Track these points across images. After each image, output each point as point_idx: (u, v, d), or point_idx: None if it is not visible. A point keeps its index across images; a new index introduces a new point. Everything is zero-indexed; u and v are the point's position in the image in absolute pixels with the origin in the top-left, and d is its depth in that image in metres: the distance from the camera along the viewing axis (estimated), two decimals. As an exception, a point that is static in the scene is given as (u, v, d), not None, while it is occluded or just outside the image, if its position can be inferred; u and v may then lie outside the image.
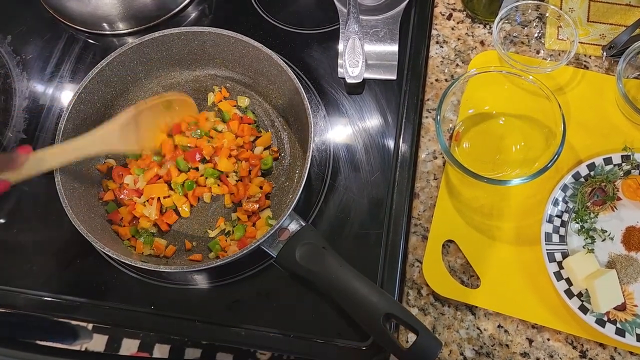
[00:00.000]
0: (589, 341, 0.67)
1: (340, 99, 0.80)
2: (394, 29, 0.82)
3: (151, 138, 0.73)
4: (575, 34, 0.77)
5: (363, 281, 0.62)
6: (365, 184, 0.75)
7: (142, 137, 0.71)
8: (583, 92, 0.79)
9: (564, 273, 0.68)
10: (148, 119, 0.71)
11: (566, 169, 0.74)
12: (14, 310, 0.71)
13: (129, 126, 0.69)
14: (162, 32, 0.74)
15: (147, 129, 0.72)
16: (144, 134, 0.71)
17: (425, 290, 0.71)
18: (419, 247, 0.73)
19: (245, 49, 0.75)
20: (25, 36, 0.87)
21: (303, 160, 0.73)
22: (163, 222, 0.72)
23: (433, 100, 0.81)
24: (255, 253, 0.66)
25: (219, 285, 0.70)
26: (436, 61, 0.83)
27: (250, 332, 0.68)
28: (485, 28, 0.85)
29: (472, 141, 0.76)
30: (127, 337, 0.75)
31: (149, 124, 0.72)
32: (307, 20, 0.86)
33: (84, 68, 0.84)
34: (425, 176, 0.76)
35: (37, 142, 0.79)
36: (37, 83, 0.84)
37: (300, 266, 0.64)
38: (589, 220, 0.71)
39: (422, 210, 0.75)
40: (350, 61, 0.79)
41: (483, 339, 0.68)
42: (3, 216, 0.75)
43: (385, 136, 0.78)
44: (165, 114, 0.73)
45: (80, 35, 0.87)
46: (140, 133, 0.71)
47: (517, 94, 0.74)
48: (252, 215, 0.72)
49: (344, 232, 0.72)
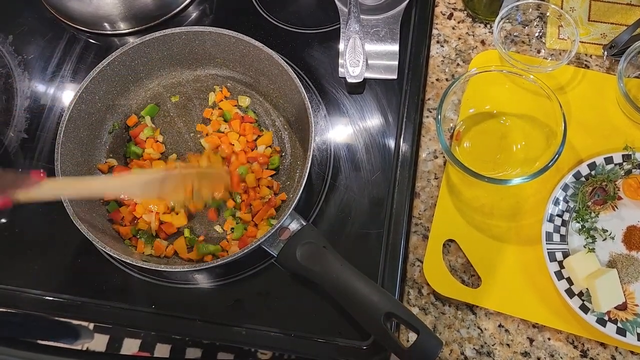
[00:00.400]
0: (589, 341, 0.67)
1: (341, 99, 0.81)
2: (394, 28, 0.82)
3: (173, 197, 0.68)
4: (576, 33, 0.77)
5: (364, 280, 0.62)
6: (366, 183, 0.75)
7: (164, 193, 0.67)
8: (584, 91, 0.79)
9: (565, 272, 0.68)
10: (175, 182, 0.66)
11: (567, 168, 0.74)
12: (15, 309, 0.71)
13: (153, 183, 0.65)
14: (163, 31, 0.75)
15: (172, 190, 0.66)
16: (166, 191, 0.66)
17: (426, 290, 0.71)
18: (419, 246, 0.73)
19: (246, 49, 0.75)
20: (26, 36, 0.87)
21: (304, 160, 0.73)
22: (162, 231, 0.72)
23: (434, 99, 0.81)
24: (256, 252, 0.66)
25: (220, 285, 0.70)
26: (437, 61, 0.83)
27: (252, 332, 0.68)
28: (486, 27, 0.85)
29: (472, 140, 0.76)
30: (128, 336, 0.75)
31: (175, 186, 0.66)
32: (307, 19, 0.87)
33: (85, 68, 0.84)
34: (426, 175, 0.76)
35: (39, 141, 0.79)
36: (38, 83, 0.84)
37: (301, 266, 0.64)
38: (589, 220, 0.71)
39: (422, 209, 0.75)
40: (351, 61, 0.79)
41: (484, 339, 0.68)
42: (5, 216, 0.75)
43: (386, 136, 0.78)
44: (195, 181, 0.67)
45: (82, 35, 0.87)
46: (162, 190, 0.66)
47: (518, 93, 0.74)
48: (255, 215, 0.72)
49: (344, 232, 0.72)
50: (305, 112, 0.70)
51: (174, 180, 0.66)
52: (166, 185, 0.65)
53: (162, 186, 0.65)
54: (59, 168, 0.68)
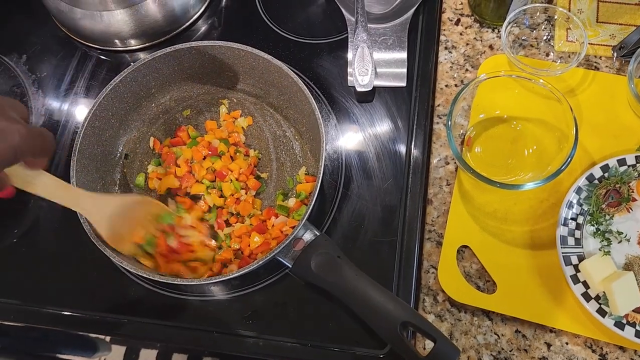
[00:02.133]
0: (608, 344, 0.67)
1: (350, 108, 0.81)
2: (402, 36, 0.82)
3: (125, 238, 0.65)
4: (585, 35, 0.77)
5: (379, 290, 0.62)
6: (378, 191, 0.75)
7: (121, 231, 0.65)
8: (594, 93, 0.78)
9: (581, 276, 0.67)
10: (138, 216, 0.65)
11: (579, 171, 0.73)
12: (34, 325, 0.72)
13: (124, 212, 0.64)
14: (173, 47, 0.75)
15: (128, 227, 0.65)
16: (124, 229, 0.65)
17: (441, 297, 0.70)
18: (433, 253, 0.73)
19: (255, 61, 0.76)
20: (39, 55, 0.88)
21: (316, 170, 0.73)
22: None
23: (443, 106, 0.81)
24: (271, 263, 0.67)
25: (236, 296, 0.71)
26: (445, 67, 0.83)
27: (268, 343, 0.68)
28: (493, 32, 0.85)
29: (483, 146, 0.76)
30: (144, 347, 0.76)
31: (133, 223, 0.65)
32: (315, 30, 0.87)
33: (97, 84, 0.86)
34: (438, 182, 0.76)
35: (54, 158, 0.80)
36: (52, 100, 0.85)
37: (316, 276, 0.65)
38: (604, 223, 0.70)
39: (435, 216, 0.75)
40: (359, 70, 0.79)
41: (501, 345, 0.68)
42: (21, 232, 0.77)
43: (396, 143, 0.78)
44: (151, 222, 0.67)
45: (93, 52, 0.88)
46: (123, 227, 0.65)
47: (528, 97, 0.74)
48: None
49: (358, 240, 0.73)
50: (315, 122, 0.70)
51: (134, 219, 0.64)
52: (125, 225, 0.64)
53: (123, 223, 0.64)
54: (74, 184, 0.69)
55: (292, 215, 0.73)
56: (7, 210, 0.77)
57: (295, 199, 0.74)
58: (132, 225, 0.66)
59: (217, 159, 0.75)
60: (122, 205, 0.65)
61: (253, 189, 0.75)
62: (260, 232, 0.71)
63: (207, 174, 0.75)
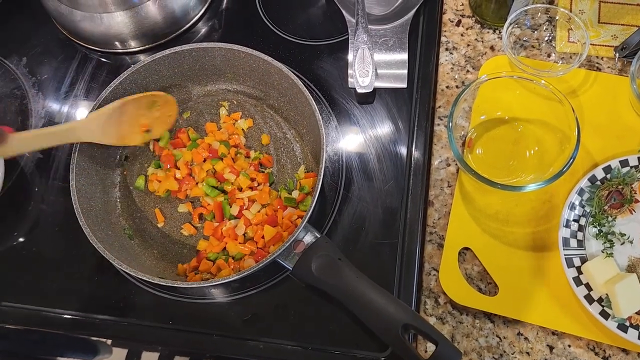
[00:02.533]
0: (611, 347, 0.66)
1: (351, 109, 0.81)
2: (403, 37, 0.82)
3: (131, 133, 0.75)
4: (587, 36, 0.76)
5: (380, 292, 0.62)
6: (379, 193, 0.75)
7: (123, 131, 0.74)
8: (596, 94, 0.78)
9: (583, 278, 0.67)
10: (130, 113, 0.73)
11: (582, 172, 0.73)
12: (34, 327, 0.72)
13: (111, 119, 0.71)
14: (173, 49, 0.75)
15: (128, 124, 0.74)
16: (124, 128, 0.73)
17: (442, 299, 0.70)
18: (434, 255, 0.72)
19: (255, 63, 0.76)
20: (40, 57, 0.88)
21: (316, 172, 0.73)
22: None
23: (444, 107, 0.80)
24: (271, 266, 0.66)
25: (236, 299, 0.71)
26: (446, 68, 0.83)
27: (269, 345, 0.68)
28: (494, 33, 0.84)
29: (485, 147, 0.76)
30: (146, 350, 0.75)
31: (131, 119, 0.74)
32: (316, 31, 0.87)
33: (97, 86, 0.85)
34: (439, 184, 0.76)
35: (53, 161, 0.80)
36: (52, 103, 0.85)
37: (317, 278, 0.64)
38: (607, 224, 0.70)
39: (436, 218, 0.74)
40: (360, 71, 0.79)
41: (503, 347, 0.67)
42: (22, 235, 0.76)
43: (397, 145, 0.78)
44: (147, 111, 0.75)
45: (93, 54, 0.88)
46: (121, 127, 0.73)
47: (530, 98, 0.74)
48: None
49: (359, 242, 0.72)
50: (316, 124, 0.70)
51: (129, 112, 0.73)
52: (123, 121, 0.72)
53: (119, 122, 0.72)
54: (74, 186, 0.68)
55: (299, 206, 0.72)
56: (7, 212, 0.77)
57: (299, 192, 0.73)
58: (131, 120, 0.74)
59: (218, 161, 0.75)
60: (107, 113, 0.71)
61: (264, 182, 0.75)
62: (272, 225, 0.71)
63: (207, 176, 0.75)
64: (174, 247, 0.74)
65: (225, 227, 0.72)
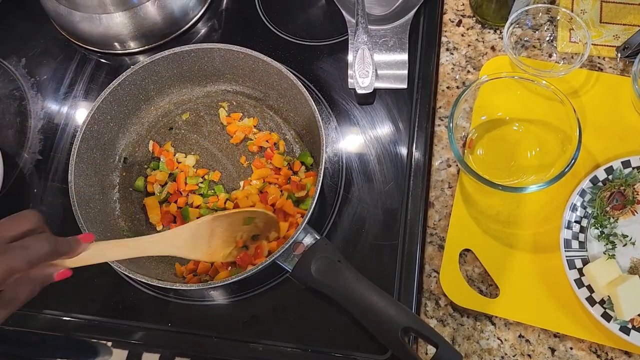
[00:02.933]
0: (613, 349, 0.66)
1: (351, 110, 0.80)
2: (403, 37, 0.82)
3: (224, 249, 0.67)
4: (588, 36, 0.76)
5: (380, 294, 0.61)
6: (379, 194, 0.75)
7: (215, 247, 0.66)
8: (598, 94, 0.77)
9: (585, 280, 0.66)
10: (224, 228, 0.66)
11: (583, 173, 0.72)
12: (33, 330, 0.71)
13: (200, 235, 0.64)
14: (172, 50, 0.75)
15: (222, 240, 0.67)
16: (217, 243, 0.66)
17: (443, 301, 0.70)
18: (435, 257, 0.72)
19: (255, 64, 0.75)
20: (39, 58, 0.88)
21: (316, 172, 0.73)
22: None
23: (445, 108, 0.80)
24: (271, 268, 0.66)
25: (236, 301, 0.70)
26: (447, 68, 0.82)
27: (268, 348, 0.68)
28: (495, 33, 0.84)
29: (486, 148, 0.75)
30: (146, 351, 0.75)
31: (225, 235, 0.66)
32: (315, 32, 0.87)
33: (96, 87, 0.85)
34: (440, 185, 0.76)
35: (52, 162, 0.80)
36: (51, 104, 0.85)
37: (316, 280, 0.64)
38: (608, 226, 0.69)
39: (437, 219, 0.74)
40: (360, 72, 0.78)
41: (504, 350, 0.67)
42: (21, 237, 0.76)
43: (397, 145, 0.77)
44: (245, 227, 0.68)
45: (92, 55, 0.88)
46: (213, 242, 0.66)
47: (531, 99, 0.73)
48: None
49: (358, 244, 0.72)
50: (315, 125, 0.69)
51: (223, 228, 0.65)
52: (215, 237, 0.65)
53: (211, 237, 0.65)
54: (73, 189, 0.68)
55: (299, 205, 0.72)
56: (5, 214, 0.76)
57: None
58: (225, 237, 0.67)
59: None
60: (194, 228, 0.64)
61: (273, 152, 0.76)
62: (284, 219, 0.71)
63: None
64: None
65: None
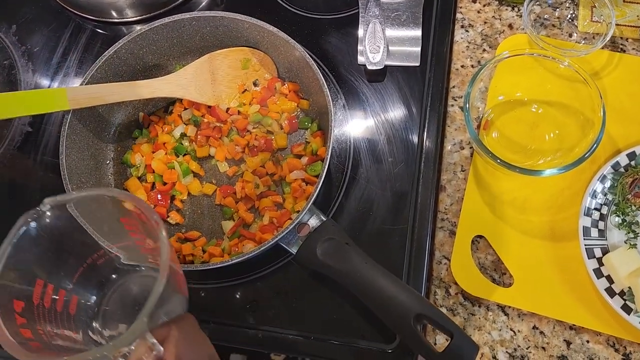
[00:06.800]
0: (632, 343, 0.63)
1: (360, 87, 0.76)
2: (416, 12, 0.78)
3: (228, 95, 0.73)
4: (613, 15, 0.72)
5: (391, 279, 0.58)
6: (388, 176, 0.71)
7: (219, 92, 0.72)
8: (620, 76, 0.74)
9: (604, 270, 0.63)
10: (223, 73, 0.72)
11: (603, 158, 0.69)
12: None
13: (203, 73, 0.70)
14: (172, 17, 0.71)
15: (225, 85, 0.72)
16: (221, 89, 0.72)
17: (453, 289, 0.66)
18: (446, 243, 0.68)
19: (260, 34, 0.71)
20: (30, 25, 0.84)
21: (323, 152, 0.69)
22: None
23: (459, 87, 0.76)
24: (273, 250, 0.62)
25: (236, 285, 0.67)
26: (461, 46, 0.78)
27: (269, 334, 0.64)
28: (513, 10, 0.80)
29: (502, 130, 0.72)
30: (138, 337, 0.72)
31: (226, 80, 0.72)
32: (324, 4, 0.82)
33: (91, 58, 0.81)
34: (452, 168, 0.72)
35: (43, 134, 0.76)
36: (43, 74, 0.81)
37: (322, 263, 0.60)
38: (630, 213, 0.66)
39: (449, 204, 0.70)
40: (370, 47, 0.75)
41: (517, 341, 0.64)
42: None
43: (408, 126, 0.74)
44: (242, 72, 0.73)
45: (87, 23, 0.84)
46: (216, 87, 0.72)
47: (550, 79, 0.70)
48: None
49: (366, 228, 0.68)
50: (323, 102, 0.66)
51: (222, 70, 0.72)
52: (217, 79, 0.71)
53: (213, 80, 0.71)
54: (64, 162, 0.64)
55: (307, 170, 0.69)
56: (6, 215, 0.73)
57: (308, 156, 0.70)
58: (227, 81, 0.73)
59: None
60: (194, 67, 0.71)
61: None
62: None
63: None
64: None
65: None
